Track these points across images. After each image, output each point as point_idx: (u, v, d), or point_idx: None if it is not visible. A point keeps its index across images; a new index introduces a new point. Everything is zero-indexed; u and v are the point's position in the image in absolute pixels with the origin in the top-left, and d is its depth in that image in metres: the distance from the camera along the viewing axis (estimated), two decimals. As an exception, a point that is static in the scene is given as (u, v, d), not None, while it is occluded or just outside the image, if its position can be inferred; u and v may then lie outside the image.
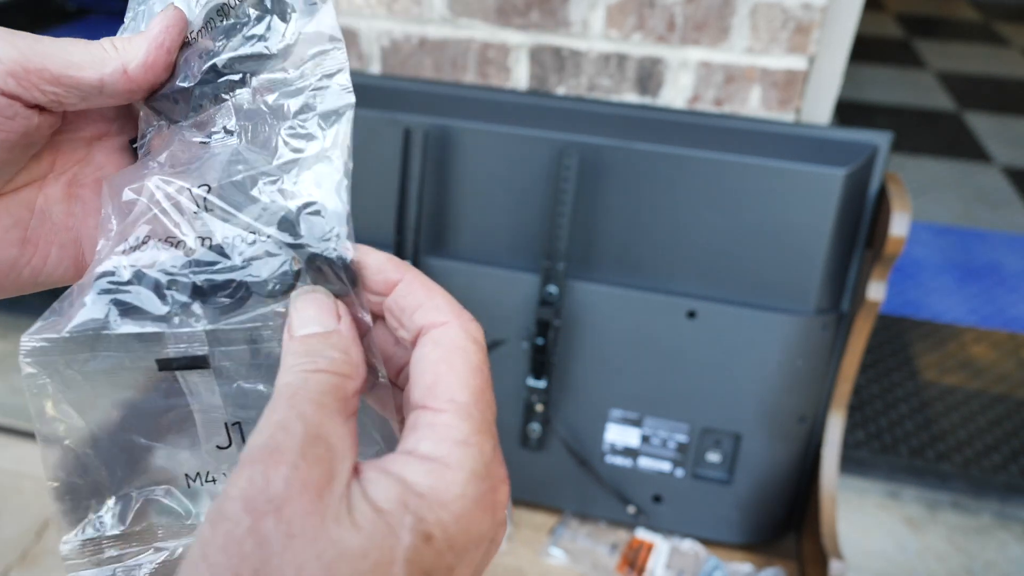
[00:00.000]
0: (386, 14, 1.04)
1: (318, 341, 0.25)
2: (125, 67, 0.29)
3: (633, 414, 0.97)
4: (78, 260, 0.32)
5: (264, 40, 0.29)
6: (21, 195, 0.31)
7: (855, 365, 0.91)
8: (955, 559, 1.33)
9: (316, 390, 0.23)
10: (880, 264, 0.85)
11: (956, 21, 4.09)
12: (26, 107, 0.28)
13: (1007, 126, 2.91)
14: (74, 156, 0.32)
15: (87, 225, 0.32)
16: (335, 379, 0.23)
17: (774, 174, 0.85)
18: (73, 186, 0.32)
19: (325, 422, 0.22)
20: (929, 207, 2.37)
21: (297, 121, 0.28)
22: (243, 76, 0.29)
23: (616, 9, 0.96)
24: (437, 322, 0.25)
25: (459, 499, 0.22)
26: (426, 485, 0.22)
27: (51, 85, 0.28)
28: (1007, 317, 1.90)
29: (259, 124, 0.29)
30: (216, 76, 0.29)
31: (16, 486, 1.44)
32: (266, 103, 0.29)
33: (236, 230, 0.27)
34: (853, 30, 0.96)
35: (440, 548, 0.21)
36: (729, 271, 0.89)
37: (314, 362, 0.24)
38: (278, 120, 0.28)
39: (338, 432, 0.22)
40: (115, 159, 0.33)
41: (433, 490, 0.22)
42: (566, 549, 0.99)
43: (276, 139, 0.28)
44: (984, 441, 1.54)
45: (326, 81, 0.28)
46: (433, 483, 0.22)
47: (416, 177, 0.92)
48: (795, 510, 1.02)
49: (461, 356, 0.24)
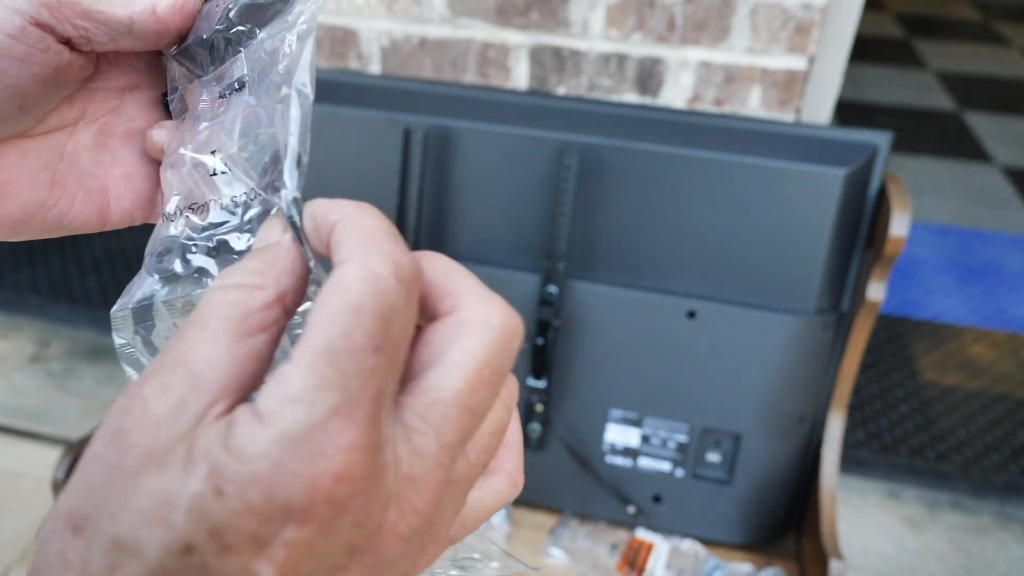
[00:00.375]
0: (386, 14, 1.04)
1: (248, 255, 0.23)
2: (155, 7, 0.29)
3: (633, 414, 0.97)
4: (102, 208, 0.33)
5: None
6: (52, 138, 0.31)
7: (855, 365, 0.91)
8: (955, 559, 1.33)
9: (206, 310, 0.21)
10: (880, 264, 0.85)
11: (956, 21, 4.09)
12: (57, 41, 0.28)
13: (1007, 126, 2.91)
14: (106, 105, 0.33)
15: (114, 175, 0.33)
16: (237, 293, 0.21)
17: (774, 174, 0.85)
18: (103, 135, 0.33)
19: (197, 347, 0.20)
20: (929, 207, 2.37)
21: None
22: (251, 28, 0.30)
23: (616, 9, 0.96)
24: (342, 257, 0.21)
25: (260, 459, 0.18)
26: (240, 438, 0.19)
27: (81, 19, 0.28)
28: (1007, 317, 1.90)
29: (265, 72, 0.29)
30: (230, 26, 0.30)
31: (16, 486, 1.44)
32: (265, 50, 0.29)
33: (242, 188, 0.29)
34: (853, 30, 0.96)
35: (234, 507, 0.18)
36: (729, 271, 0.89)
37: (222, 279, 0.21)
38: (275, 64, 0.29)
39: (212, 357, 0.20)
40: (146, 112, 0.34)
41: (239, 444, 0.19)
42: (566, 549, 0.99)
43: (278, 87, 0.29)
44: (984, 441, 1.54)
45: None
46: (243, 436, 0.19)
47: (416, 177, 0.92)
48: (795, 510, 1.02)
49: (339, 295, 0.20)
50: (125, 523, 0.18)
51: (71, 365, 1.69)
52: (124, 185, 0.33)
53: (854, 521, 1.38)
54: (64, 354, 1.72)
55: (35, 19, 0.27)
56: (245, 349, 0.20)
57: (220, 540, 0.18)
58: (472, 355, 0.21)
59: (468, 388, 0.21)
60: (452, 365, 0.21)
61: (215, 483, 0.18)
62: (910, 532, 1.37)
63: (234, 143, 0.29)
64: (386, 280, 0.20)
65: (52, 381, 1.65)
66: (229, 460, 0.18)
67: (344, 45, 1.08)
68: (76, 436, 1.45)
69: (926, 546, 1.35)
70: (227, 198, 0.29)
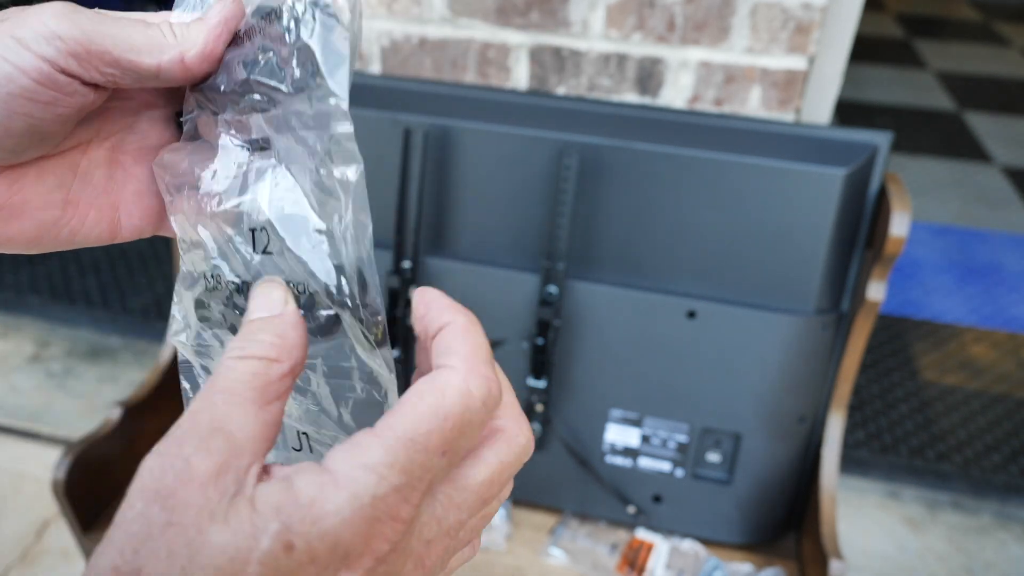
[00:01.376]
0: (386, 14, 1.04)
1: (257, 326, 0.25)
2: (183, 56, 0.29)
3: (633, 414, 0.97)
4: (113, 224, 0.33)
5: (284, 80, 0.29)
6: (66, 157, 0.32)
7: (855, 365, 0.91)
8: (955, 559, 1.33)
9: (232, 378, 0.23)
10: (880, 264, 0.85)
11: (956, 21, 4.09)
12: (84, 85, 0.28)
13: (1007, 126, 2.91)
14: (120, 123, 0.33)
15: (126, 191, 0.33)
16: (258, 364, 0.24)
17: (774, 174, 0.85)
18: (116, 152, 0.33)
19: (231, 412, 0.22)
20: (929, 207, 2.37)
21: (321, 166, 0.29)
22: (270, 99, 0.29)
23: (616, 9, 0.96)
24: (447, 364, 0.25)
25: (332, 516, 0.22)
26: (308, 496, 0.22)
27: (110, 67, 0.28)
28: (1007, 317, 1.90)
29: (292, 146, 0.29)
30: (249, 90, 0.30)
31: (16, 486, 1.44)
32: (292, 117, 0.29)
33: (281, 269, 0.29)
34: (853, 30, 0.96)
35: (300, 560, 0.21)
36: (729, 271, 0.89)
37: (242, 348, 0.24)
38: (306, 150, 0.29)
39: (244, 423, 0.22)
40: (159, 129, 0.34)
41: (313, 503, 0.22)
42: (566, 549, 0.99)
43: (306, 175, 0.29)
44: (984, 441, 1.54)
45: (336, 145, 0.28)
46: (315, 495, 0.22)
47: (416, 177, 0.92)
48: (795, 510, 1.02)
49: (435, 399, 0.24)
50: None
51: (71, 365, 1.69)
52: (135, 202, 0.33)
53: (854, 521, 1.38)
54: (64, 354, 1.72)
55: (63, 68, 0.27)
56: (266, 416, 0.23)
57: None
58: (500, 460, 0.26)
59: (488, 482, 0.26)
60: (484, 463, 0.26)
61: (285, 538, 0.21)
62: (910, 532, 1.37)
63: (271, 218, 0.29)
64: (475, 401, 0.24)
65: (52, 381, 1.65)
66: (302, 516, 0.21)
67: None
68: (76, 436, 1.45)
69: (926, 546, 1.35)
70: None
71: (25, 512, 1.39)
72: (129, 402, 1.03)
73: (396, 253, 0.94)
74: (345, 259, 0.28)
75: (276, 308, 0.26)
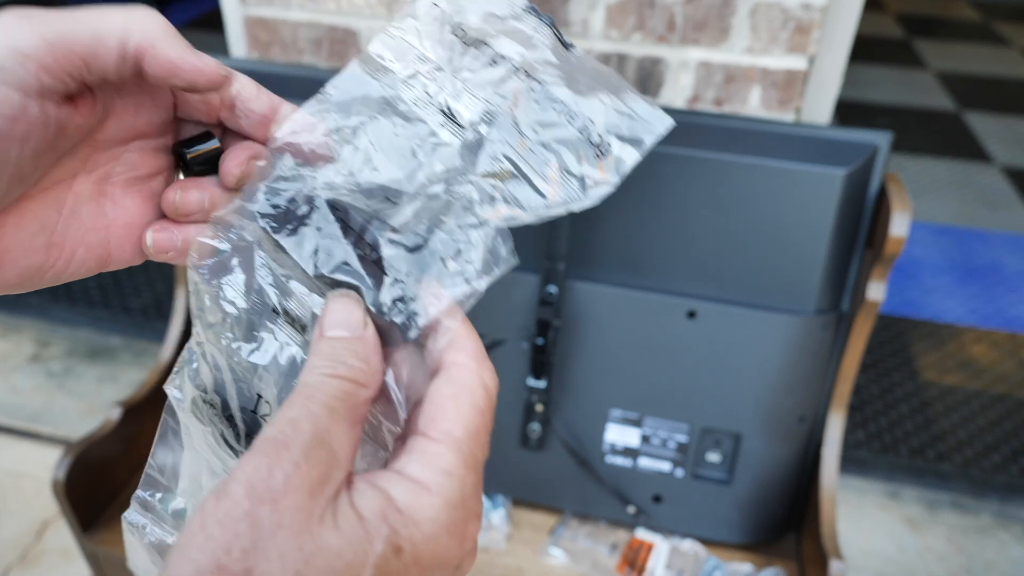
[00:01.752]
0: (386, 14, 1.04)
1: (343, 345, 0.26)
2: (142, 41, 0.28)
3: (633, 414, 0.97)
4: (103, 257, 0.32)
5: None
6: (50, 195, 0.30)
7: (855, 365, 0.91)
8: (955, 559, 1.33)
9: (330, 394, 0.25)
10: (880, 264, 0.85)
11: (956, 21, 4.09)
12: (58, 104, 0.27)
13: (1007, 126, 2.91)
14: (107, 155, 0.32)
15: (116, 224, 0.32)
16: (350, 386, 0.25)
17: (774, 174, 0.85)
18: (104, 184, 0.32)
19: (332, 427, 0.24)
20: (929, 207, 2.37)
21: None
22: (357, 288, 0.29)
23: (616, 9, 0.96)
24: (458, 362, 0.27)
25: (432, 522, 0.24)
26: (405, 503, 0.24)
27: (75, 66, 0.27)
28: (1007, 317, 1.90)
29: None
30: (329, 284, 0.29)
31: (16, 486, 1.44)
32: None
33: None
34: (853, 30, 0.96)
35: (407, 562, 0.23)
36: (729, 271, 0.89)
37: (334, 367, 0.25)
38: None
39: (342, 439, 0.24)
40: (150, 159, 0.33)
41: (411, 509, 0.24)
42: (566, 549, 0.99)
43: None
44: (984, 441, 1.54)
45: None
46: (412, 503, 0.24)
47: (416, 177, 0.92)
48: (795, 510, 1.02)
49: (468, 397, 0.27)
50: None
51: (71, 365, 1.69)
52: (126, 235, 0.32)
53: (854, 521, 1.38)
54: (64, 354, 1.72)
55: (38, 89, 0.26)
56: (355, 434, 0.25)
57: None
58: (464, 418, 0.28)
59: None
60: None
61: (395, 542, 0.23)
62: (910, 532, 1.37)
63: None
64: (491, 391, 0.27)
65: (52, 381, 1.65)
66: (406, 522, 0.23)
67: (344, 45, 1.08)
68: (76, 436, 1.45)
69: (926, 546, 1.35)
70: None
71: (25, 512, 1.39)
72: (129, 402, 1.03)
73: (396, 253, 0.94)
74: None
75: (358, 329, 0.27)
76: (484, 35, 0.30)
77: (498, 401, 1.01)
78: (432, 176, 0.29)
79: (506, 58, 0.30)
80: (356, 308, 0.27)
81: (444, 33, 0.31)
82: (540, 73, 0.30)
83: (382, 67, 0.31)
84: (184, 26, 3.70)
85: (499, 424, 1.00)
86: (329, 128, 0.30)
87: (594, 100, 0.30)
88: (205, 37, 3.51)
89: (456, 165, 0.30)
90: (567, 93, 0.30)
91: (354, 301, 0.28)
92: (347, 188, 0.29)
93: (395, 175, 0.29)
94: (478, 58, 0.30)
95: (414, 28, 0.31)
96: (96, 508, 1.00)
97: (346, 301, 0.28)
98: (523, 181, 0.30)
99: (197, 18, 3.84)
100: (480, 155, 0.30)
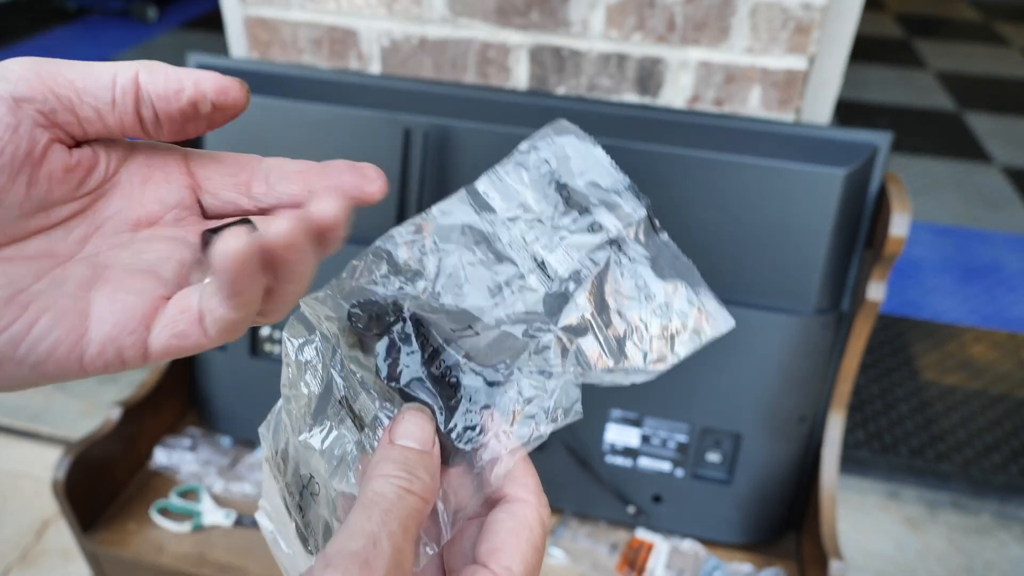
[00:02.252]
0: (386, 14, 1.04)
1: (415, 457, 0.27)
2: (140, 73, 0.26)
3: (633, 414, 0.97)
4: (75, 339, 0.25)
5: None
6: (32, 263, 0.25)
7: (855, 365, 0.91)
8: (955, 559, 1.33)
9: (406, 512, 0.26)
10: (880, 264, 0.85)
11: (956, 21, 4.09)
12: (42, 126, 0.25)
13: (1007, 126, 2.91)
14: (113, 239, 0.27)
15: (107, 310, 0.25)
16: (420, 503, 0.26)
17: (774, 174, 0.85)
18: (103, 269, 0.26)
19: (405, 547, 0.25)
20: (929, 207, 2.37)
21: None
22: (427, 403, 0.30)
23: (616, 9, 0.96)
24: (520, 497, 0.29)
25: None
26: None
27: (68, 103, 0.25)
28: (1007, 317, 1.90)
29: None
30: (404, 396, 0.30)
31: (16, 486, 1.44)
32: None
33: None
34: (853, 30, 0.96)
35: None
36: (729, 271, 0.89)
37: (410, 480, 0.26)
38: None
39: (410, 558, 0.25)
40: (161, 248, 0.27)
41: None
42: (566, 549, 0.99)
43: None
44: (984, 441, 1.54)
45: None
46: None
47: (416, 177, 0.92)
48: (795, 510, 1.02)
49: (528, 534, 0.28)
50: None
51: (71, 365, 1.69)
52: (115, 322, 0.25)
53: (854, 521, 1.38)
54: (64, 354, 1.72)
55: (41, 124, 0.24)
56: (416, 551, 0.26)
57: None
58: (524, 554, 0.29)
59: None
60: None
61: None
62: (910, 532, 1.37)
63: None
64: (547, 528, 0.29)
65: (52, 381, 1.65)
66: None
67: (344, 45, 1.08)
68: (76, 436, 1.45)
69: (926, 546, 1.35)
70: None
71: (25, 512, 1.39)
72: (129, 402, 1.03)
73: (396, 253, 0.94)
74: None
75: (428, 444, 0.28)
76: (586, 201, 0.33)
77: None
78: (513, 315, 0.31)
79: (604, 228, 0.33)
80: (428, 424, 0.28)
81: (549, 189, 0.33)
82: (630, 249, 0.33)
83: (487, 204, 0.33)
84: (184, 26, 3.70)
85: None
86: (428, 245, 0.32)
87: (671, 286, 0.33)
88: (205, 37, 3.51)
89: (538, 311, 0.31)
90: (650, 273, 0.33)
91: (427, 417, 0.29)
92: (432, 306, 0.31)
93: (479, 303, 0.31)
94: (577, 221, 0.33)
95: (522, 176, 0.34)
96: (96, 508, 1.00)
97: (420, 416, 0.29)
98: (596, 342, 0.31)
99: (197, 18, 3.84)
100: (564, 309, 0.32)
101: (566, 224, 0.32)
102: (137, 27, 3.77)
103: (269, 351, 1.06)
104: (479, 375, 0.30)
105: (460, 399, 0.30)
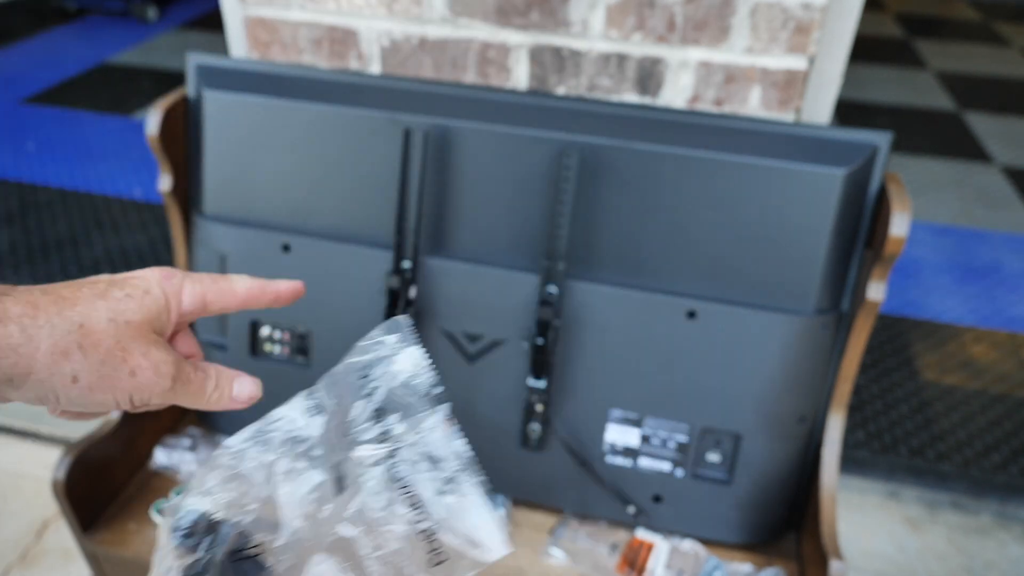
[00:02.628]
0: (386, 14, 1.04)
1: None
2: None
3: (633, 414, 0.97)
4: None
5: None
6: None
7: (855, 365, 0.91)
8: (955, 559, 1.33)
9: None
10: (880, 264, 0.85)
11: (956, 21, 4.09)
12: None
13: (1007, 126, 2.91)
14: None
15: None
16: None
17: (774, 174, 0.85)
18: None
19: None
20: (929, 207, 2.37)
21: None
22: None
23: (616, 9, 0.96)
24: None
25: None
26: None
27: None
28: (1007, 317, 1.90)
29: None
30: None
31: (16, 486, 1.44)
32: None
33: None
34: (853, 30, 0.96)
35: None
36: (729, 271, 0.89)
37: None
38: None
39: None
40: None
41: None
42: (566, 549, 0.99)
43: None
44: (984, 441, 1.54)
45: None
46: None
47: (416, 177, 0.92)
48: (795, 510, 1.02)
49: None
50: None
51: (71, 365, 1.69)
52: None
53: (854, 521, 1.38)
54: (64, 354, 1.72)
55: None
56: None
57: None
58: None
59: None
60: None
61: None
62: (910, 532, 1.37)
63: None
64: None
65: (52, 381, 1.65)
66: None
67: (344, 45, 1.08)
68: (76, 436, 1.45)
69: (926, 546, 1.35)
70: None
71: (25, 512, 1.39)
72: (129, 402, 1.03)
73: (396, 253, 0.94)
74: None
75: None
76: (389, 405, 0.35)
77: (499, 401, 1.01)
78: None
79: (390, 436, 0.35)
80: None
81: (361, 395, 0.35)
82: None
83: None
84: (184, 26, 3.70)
85: (499, 424, 1.00)
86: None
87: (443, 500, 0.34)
88: (205, 37, 3.51)
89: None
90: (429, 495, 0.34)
91: None
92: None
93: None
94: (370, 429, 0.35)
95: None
96: (96, 508, 1.00)
97: None
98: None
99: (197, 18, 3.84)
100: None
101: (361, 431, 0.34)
102: (137, 27, 3.77)
103: (269, 351, 1.06)
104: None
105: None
